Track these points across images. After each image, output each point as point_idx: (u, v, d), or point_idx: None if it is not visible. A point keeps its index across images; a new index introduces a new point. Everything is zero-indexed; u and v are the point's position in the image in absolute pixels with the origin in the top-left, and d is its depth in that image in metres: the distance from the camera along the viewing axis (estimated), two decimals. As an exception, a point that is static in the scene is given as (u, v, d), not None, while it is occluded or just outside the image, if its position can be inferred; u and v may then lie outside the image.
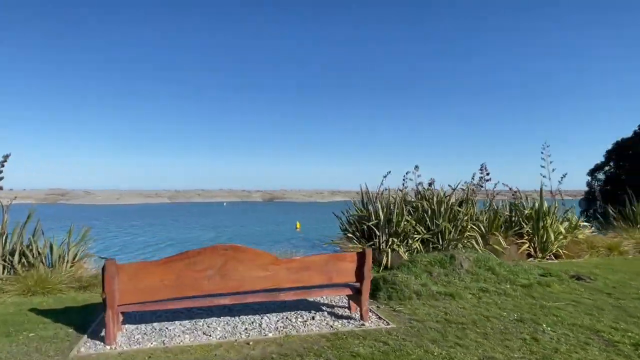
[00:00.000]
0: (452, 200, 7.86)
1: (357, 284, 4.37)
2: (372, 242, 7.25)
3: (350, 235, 7.54)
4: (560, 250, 8.38)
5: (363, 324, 4.18)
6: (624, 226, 10.14)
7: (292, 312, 4.63)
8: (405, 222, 7.37)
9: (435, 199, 7.76)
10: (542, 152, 10.51)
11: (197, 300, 3.95)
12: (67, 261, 6.23)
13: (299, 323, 4.28)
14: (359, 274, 4.32)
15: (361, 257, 4.30)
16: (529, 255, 8.32)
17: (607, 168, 16.24)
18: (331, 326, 4.17)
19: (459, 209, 7.59)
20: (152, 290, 3.79)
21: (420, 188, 8.10)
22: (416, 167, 8.18)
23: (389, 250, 6.97)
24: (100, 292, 3.76)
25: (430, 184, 8.03)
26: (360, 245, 7.18)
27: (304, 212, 48.69)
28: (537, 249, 8.41)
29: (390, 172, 7.97)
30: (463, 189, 8.35)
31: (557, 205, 8.82)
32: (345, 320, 4.33)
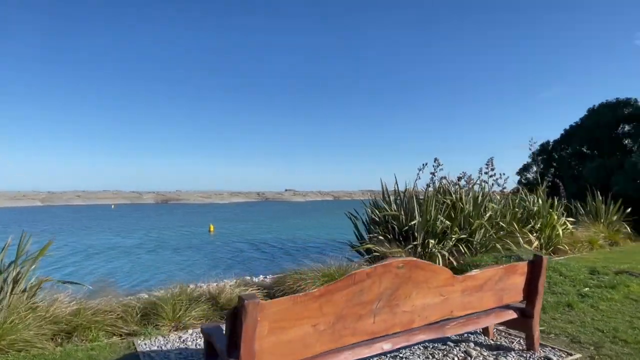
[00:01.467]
0: (478, 196, 7.23)
1: (522, 305, 3.31)
2: (411, 245, 6.22)
3: (381, 237, 6.40)
4: (565, 246, 8.34)
5: (548, 359, 3.12)
6: (586, 221, 10.69)
7: (423, 346, 3.38)
8: (440, 222, 6.50)
9: (463, 195, 7.05)
10: (529, 149, 10.57)
11: (356, 350, 2.50)
12: (22, 292, 4.03)
13: (460, 364, 3.07)
14: (528, 291, 3.27)
15: (534, 267, 3.25)
16: (537, 253, 8.11)
17: (534, 168, 17.59)
18: (510, 365, 3.04)
19: (494, 206, 6.99)
20: (301, 342, 2.25)
21: (444, 182, 7.31)
22: (436, 159, 7.38)
23: (439, 254, 6.03)
24: (223, 356, 2.10)
25: (459, 178, 7.30)
26: (399, 249, 6.10)
27: (210, 214, 45.69)
28: (543, 246, 8.25)
29: (426, 164, 7.03)
30: (478, 184, 7.80)
31: (556, 202, 8.83)
32: (514, 354, 3.23)
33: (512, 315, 3.27)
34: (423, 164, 7.03)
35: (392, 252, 5.94)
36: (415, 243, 6.25)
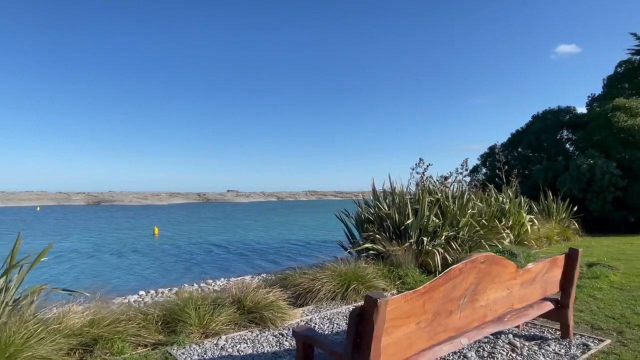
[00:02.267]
0: (462, 195, 7.54)
1: (557, 296, 3.50)
2: (407, 243, 6.33)
3: (377, 236, 6.45)
4: (532, 241, 8.95)
5: (586, 345, 3.33)
6: (540, 218, 11.55)
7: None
8: (431, 220, 6.70)
9: (449, 194, 7.32)
10: (495, 150, 11.15)
11: (442, 347, 2.48)
12: (14, 302, 3.56)
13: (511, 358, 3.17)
14: (564, 282, 3.47)
15: (569, 260, 3.45)
16: (507, 248, 8.61)
17: (484, 170, 18.72)
18: (559, 355, 3.19)
19: (479, 204, 7.31)
20: (407, 341, 2.20)
21: (429, 182, 7.53)
22: (421, 159, 7.58)
23: (435, 251, 6.19)
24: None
25: (446, 178, 7.54)
26: (398, 247, 6.19)
27: (152, 216, 43.45)
28: (513, 241, 8.79)
29: (418, 164, 7.17)
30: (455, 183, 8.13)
31: (523, 201, 9.44)
32: (553, 343, 3.40)
33: (550, 306, 3.44)
34: (415, 164, 7.21)
35: (393, 250, 6.01)
36: (410, 241, 6.37)
